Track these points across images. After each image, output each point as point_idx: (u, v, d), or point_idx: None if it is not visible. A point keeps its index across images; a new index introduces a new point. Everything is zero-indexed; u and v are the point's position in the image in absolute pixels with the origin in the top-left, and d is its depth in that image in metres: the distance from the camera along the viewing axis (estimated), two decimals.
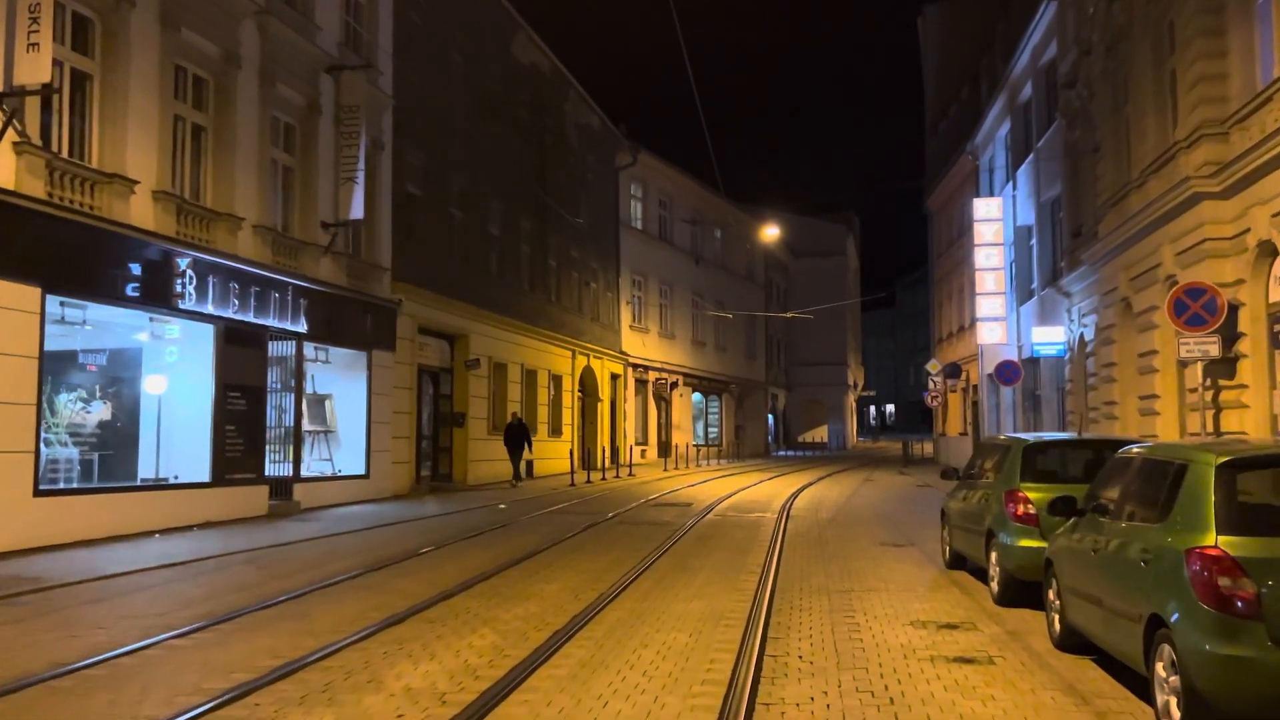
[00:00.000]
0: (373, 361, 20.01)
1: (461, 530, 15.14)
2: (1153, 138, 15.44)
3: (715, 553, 12.69)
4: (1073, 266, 21.06)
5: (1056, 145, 22.70)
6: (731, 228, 49.20)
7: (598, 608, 8.87)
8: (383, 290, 20.51)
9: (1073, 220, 21.65)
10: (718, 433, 48.62)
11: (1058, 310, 22.80)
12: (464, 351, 24.29)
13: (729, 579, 10.55)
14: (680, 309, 43.20)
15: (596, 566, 11.45)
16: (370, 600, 9.34)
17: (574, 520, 16.68)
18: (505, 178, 27.16)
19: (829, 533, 15.01)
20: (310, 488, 18.07)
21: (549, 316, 30.11)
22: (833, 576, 10.72)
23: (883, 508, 19.69)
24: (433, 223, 23.22)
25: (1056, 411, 24.24)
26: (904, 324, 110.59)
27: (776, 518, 17.19)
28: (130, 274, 13.75)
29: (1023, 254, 27.44)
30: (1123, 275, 16.86)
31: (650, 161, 39.79)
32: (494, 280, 26.48)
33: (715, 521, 16.82)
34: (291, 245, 17.60)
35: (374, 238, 20.38)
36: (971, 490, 10.39)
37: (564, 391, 31.21)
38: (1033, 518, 8.70)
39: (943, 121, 39.78)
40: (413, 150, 22.18)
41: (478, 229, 25.52)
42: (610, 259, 36.56)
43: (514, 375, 27.19)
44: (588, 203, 34.08)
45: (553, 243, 30.72)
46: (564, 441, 30.62)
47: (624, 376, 37.35)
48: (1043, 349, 22.05)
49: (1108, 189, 17.73)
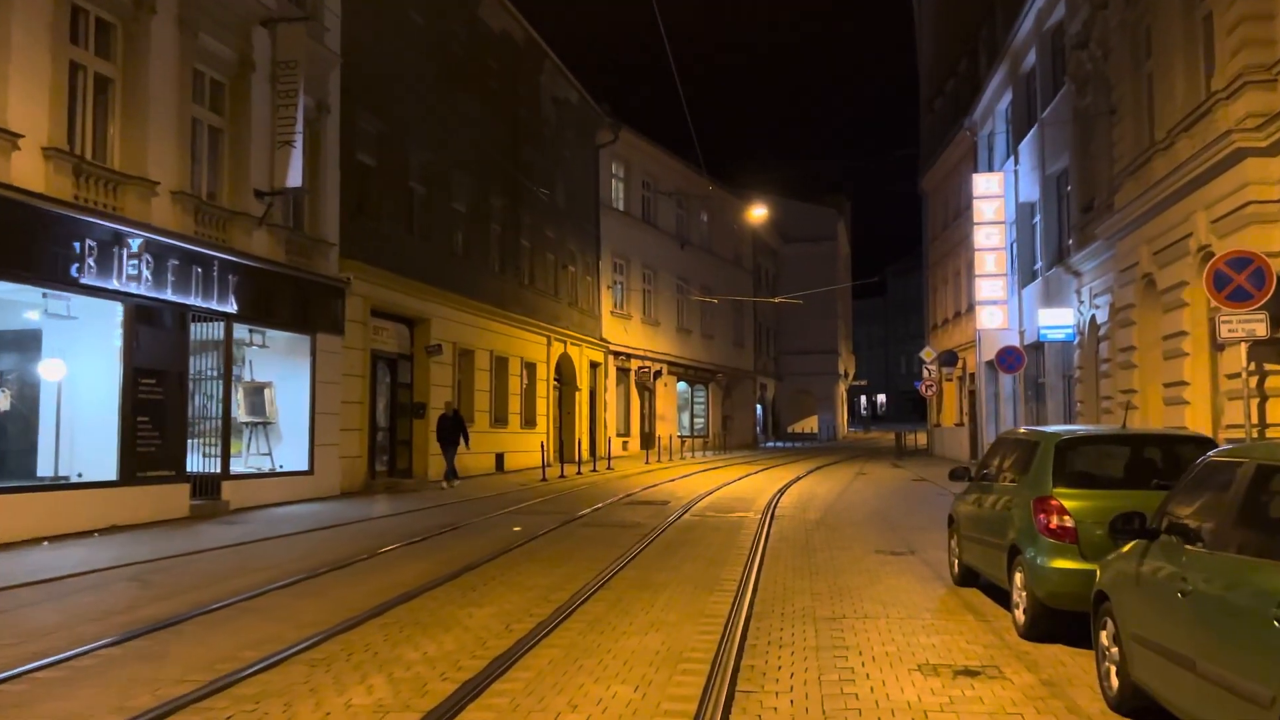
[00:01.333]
0: (317, 346, 18.21)
1: (405, 534, 13.38)
2: (1182, 93, 13.71)
3: (686, 563, 10.96)
4: (1083, 243, 19.37)
5: (1064, 113, 20.98)
6: (718, 211, 47.39)
7: (530, 643, 7.14)
8: (329, 268, 18.68)
9: (1083, 193, 19.95)
10: (704, 424, 46.91)
11: (1065, 291, 21.11)
12: (425, 337, 22.49)
13: (697, 600, 8.82)
14: (665, 295, 41.43)
15: (545, 582, 9.71)
16: (254, 632, 7.59)
17: (536, 522, 14.94)
18: (473, 151, 25.32)
19: (817, 537, 13.29)
20: (242, 486, 16.28)
21: (522, 301, 28.32)
22: (821, 597, 9.00)
23: (877, 506, 18.00)
24: (389, 196, 21.38)
25: (1062, 401, 22.57)
26: (896, 312, 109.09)
27: (760, 518, 15.49)
28: (16, 244, 11.92)
29: (1025, 233, 25.74)
30: (1144, 249, 15.16)
31: (633, 140, 37.96)
32: (459, 261, 24.66)
33: (692, 523, 15.10)
34: (219, 215, 15.76)
35: (319, 210, 18.54)
36: (987, 494, 8.65)
37: (538, 380, 29.44)
38: (1069, 532, 6.98)
39: (938, 99, 38.03)
40: (365, 116, 20.33)
41: (441, 205, 23.69)
42: (590, 241, 34.76)
43: (482, 362, 25.41)
44: (565, 181, 32.26)
45: (526, 222, 28.91)
46: (538, 434, 28.86)
47: (604, 365, 35.59)
48: (1050, 333, 20.35)
49: (1126, 155, 16.02)
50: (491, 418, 25.91)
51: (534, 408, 28.98)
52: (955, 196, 34.79)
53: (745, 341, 51.72)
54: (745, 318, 51.56)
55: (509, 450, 26.70)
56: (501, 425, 26.56)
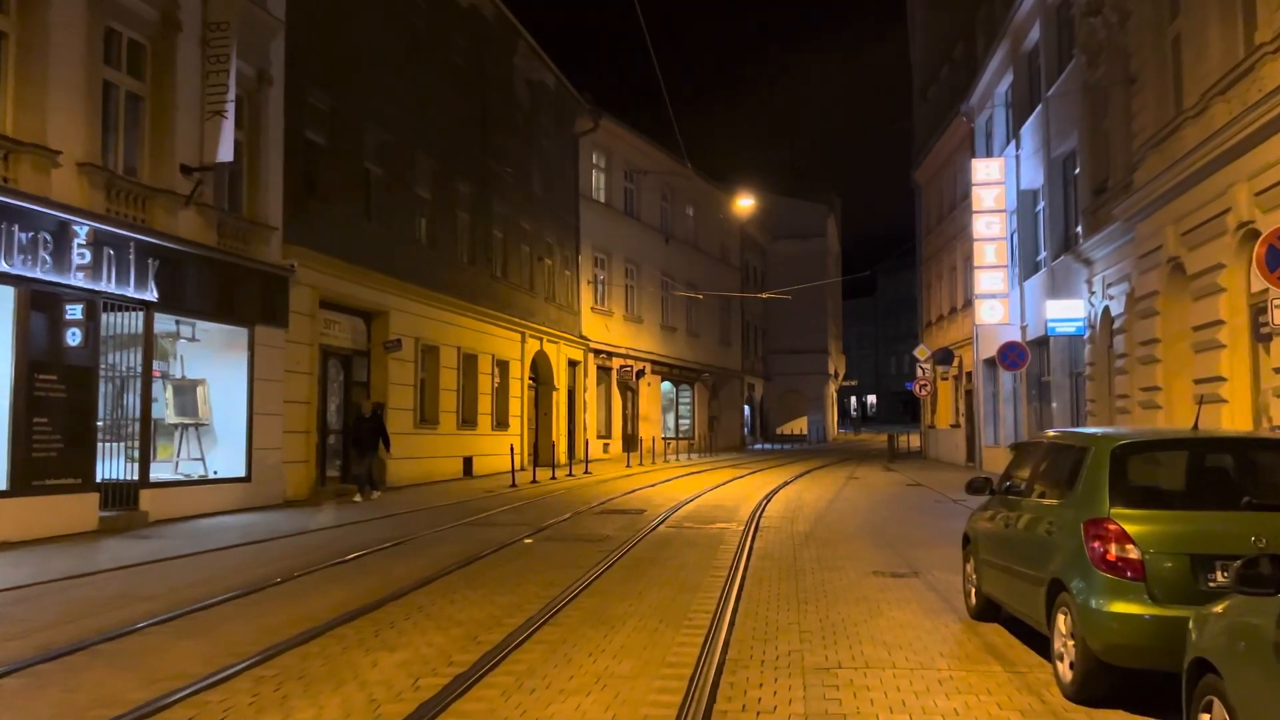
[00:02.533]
0: (256, 340, 16.52)
1: (338, 551, 11.72)
2: (1218, 52, 12.16)
3: (653, 589, 9.33)
4: (1094, 229, 17.82)
5: (1072, 89, 19.45)
6: (704, 205, 45.83)
7: (435, 709, 5.51)
8: (270, 254, 16.99)
9: (1094, 175, 18.40)
10: (689, 425, 45.30)
11: (1074, 282, 19.57)
12: (383, 331, 20.80)
13: (660, 641, 7.20)
14: (648, 291, 39.80)
15: (481, 615, 8.08)
16: (90, 690, 5.95)
17: (492, 536, 13.29)
18: (438, 134, 23.65)
19: (807, 554, 11.67)
20: (165, 495, 14.59)
21: (494, 294, 26.65)
22: (811, 637, 7.38)
23: (871, 516, 16.39)
24: (342, 179, 19.70)
25: (1069, 401, 21.02)
26: (886, 312, 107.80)
27: (743, 530, 13.87)
28: None
29: (1027, 222, 24.20)
30: (1170, 230, 13.60)
31: (614, 128, 36.33)
32: (423, 250, 22.99)
33: (667, 536, 13.47)
34: (138, 191, 14.06)
35: (258, 190, 16.85)
36: (1014, 511, 7.01)
37: (512, 379, 27.77)
38: (1133, 565, 5.37)
39: (932, 86, 36.50)
40: (314, 91, 18.65)
41: (402, 190, 22.01)
42: (569, 234, 33.10)
43: (448, 359, 23.73)
44: (542, 170, 30.61)
45: (499, 211, 27.24)
46: (511, 435, 27.19)
47: (584, 363, 33.95)
48: (1059, 326, 18.78)
49: (1148, 126, 14.47)
50: (459, 419, 24.25)
51: (507, 408, 27.31)
52: (951, 187, 33.28)
53: (732, 340, 50.14)
54: (732, 315, 50.00)
55: (479, 454, 25.03)
56: (470, 427, 24.90)
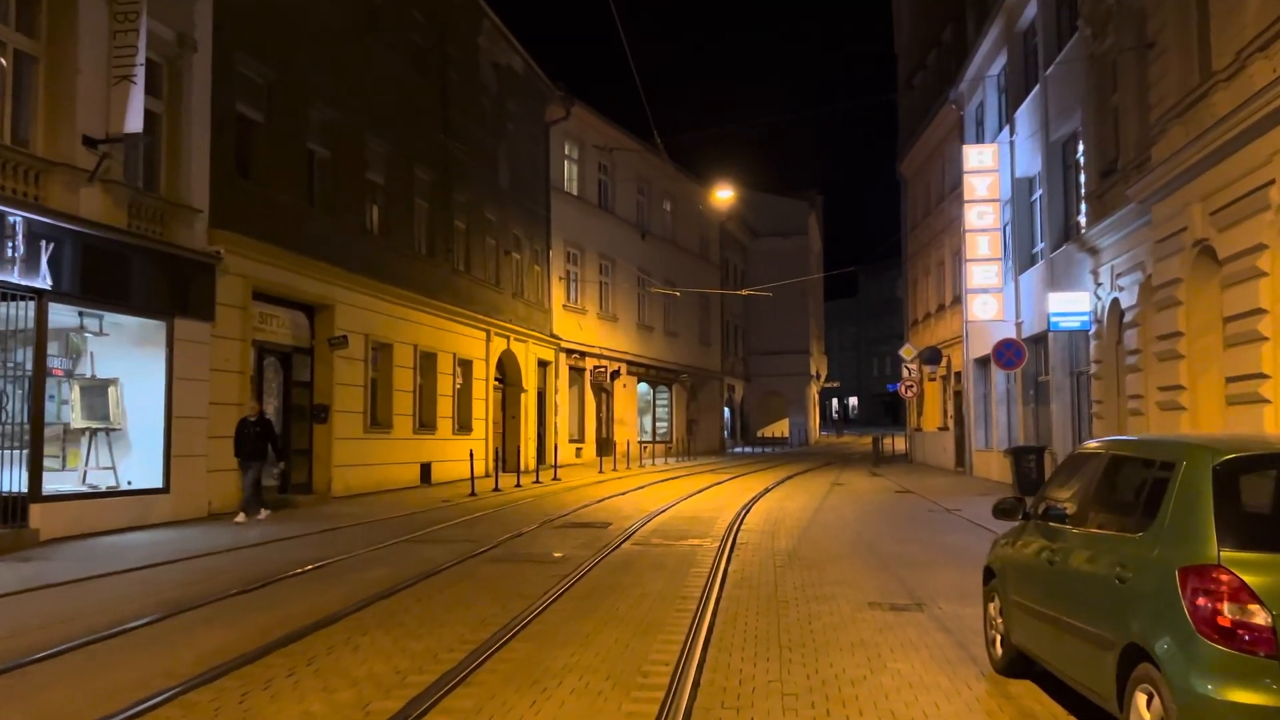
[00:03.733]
0: (175, 334, 14.79)
1: (244, 578, 10.03)
2: (1256, 2, 10.66)
3: (604, 630, 7.70)
4: (1101, 214, 16.34)
5: (1075, 65, 17.99)
6: (682, 200, 44.26)
7: None
8: (193, 239, 15.25)
9: (1100, 156, 16.93)
10: (667, 428, 43.69)
11: (1076, 273, 18.10)
12: (328, 326, 19.08)
13: (602, 712, 5.57)
14: (624, 288, 38.17)
15: (383, 671, 6.43)
16: None
17: (432, 556, 11.64)
18: (393, 115, 21.95)
19: (790, 580, 10.07)
20: (63, 509, 12.84)
21: (455, 289, 24.95)
22: (797, 702, 5.76)
23: (862, 529, 14.81)
24: (282, 160, 17.98)
25: (1070, 402, 19.54)
26: (868, 313, 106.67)
27: (718, 548, 12.27)
28: None
29: (1023, 212, 22.74)
30: (1197, 209, 12.11)
31: (587, 117, 34.70)
32: (374, 240, 21.27)
33: (631, 556, 11.85)
34: (28, 164, 12.32)
35: (179, 168, 15.11)
36: (1061, 543, 5.35)
37: (475, 379, 26.08)
38: (1263, 636, 3.75)
39: (919, 73, 35.05)
40: (248, 61, 16.93)
41: (352, 174, 20.30)
42: (539, 227, 31.43)
43: (403, 358, 22.02)
44: (510, 159, 28.94)
45: (461, 201, 25.55)
46: (475, 440, 25.50)
47: (555, 364, 32.28)
48: (1062, 321, 17.28)
49: (1170, 95, 12.97)
50: (416, 422, 22.54)
51: (469, 410, 25.61)
52: (938, 179, 31.83)
53: (712, 340, 48.60)
54: (712, 315, 48.46)
55: (438, 459, 23.33)
56: (429, 431, 23.19)
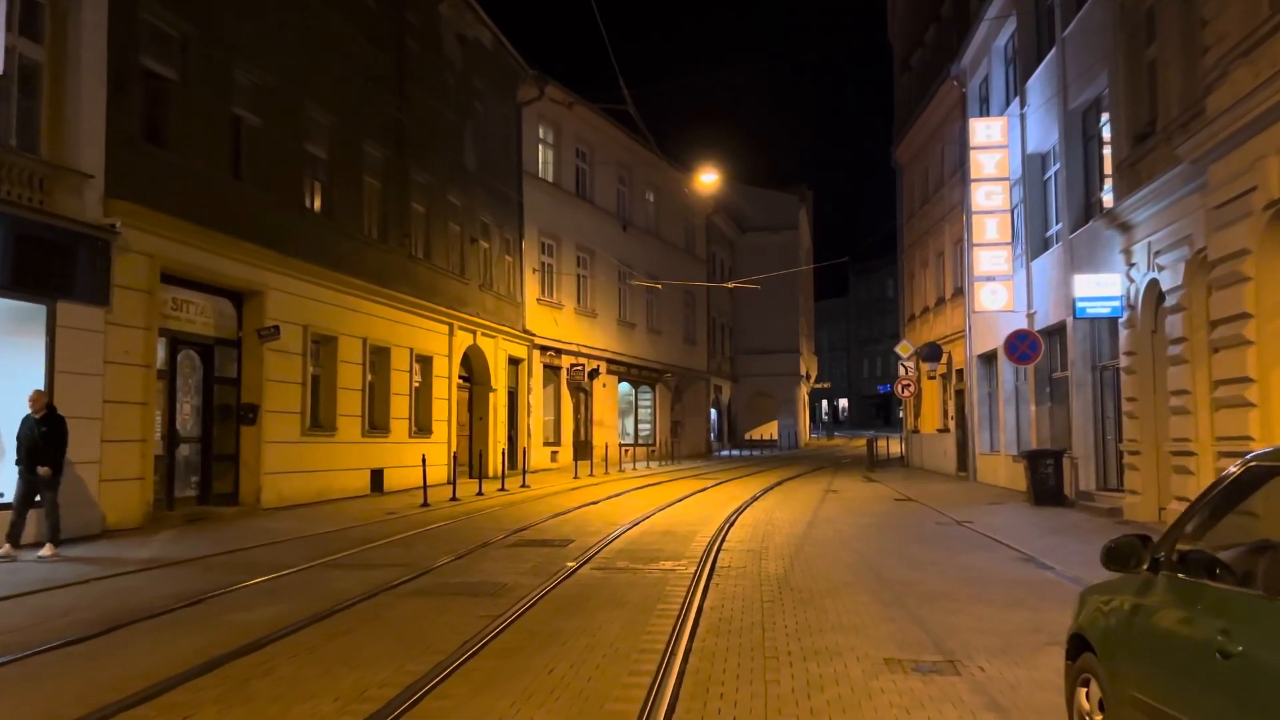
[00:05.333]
0: (59, 319, 12.57)
1: (83, 621, 7.90)
2: None
3: (523, 712, 5.54)
4: (1135, 185, 14.28)
5: (1100, 20, 15.94)
6: (667, 191, 42.14)
7: None
8: (83, 209, 13.02)
9: (1133, 118, 14.86)
10: (650, 430, 41.52)
11: (1103, 254, 16.04)
12: (258, 316, 16.88)
13: None
14: (604, 282, 36.01)
15: None
16: None
17: (341, 587, 9.48)
18: (339, 83, 19.78)
19: (781, 623, 7.92)
20: None
21: (413, 278, 22.76)
22: None
23: (864, 548, 12.68)
24: (202, 125, 15.77)
25: (1093, 399, 17.47)
26: (859, 313, 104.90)
27: (694, 574, 10.15)
28: None
29: (1035, 191, 20.68)
30: (1273, 164, 10.04)
31: (563, 99, 32.53)
32: (316, 220, 19.07)
33: (589, 585, 9.71)
34: None
35: (65, 126, 12.88)
36: (1235, 616, 3.18)
37: (436, 377, 23.87)
38: None
39: (916, 52, 32.98)
40: (157, 7, 14.72)
41: (288, 145, 18.09)
42: (510, 214, 29.25)
43: (350, 352, 19.81)
44: (477, 140, 26.77)
45: (420, 182, 23.36)
46: (436, 442, 23.32)
47: (528, 361, 30.11)
48: (1090, 307, 15.16)
49: (1233, 30, 10.90)
50: (366, 424, 20.34)
51: (429, 411, 23.41)
52: (937, 164, 29.78)
53: (698, 338, 46.47)
54: (698, 312, 46.36)
55: (392, 465, 21.12)
56: (381, 433, 20.99)
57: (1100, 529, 14.25)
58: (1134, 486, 14.66)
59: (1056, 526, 14.76)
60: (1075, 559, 11.08)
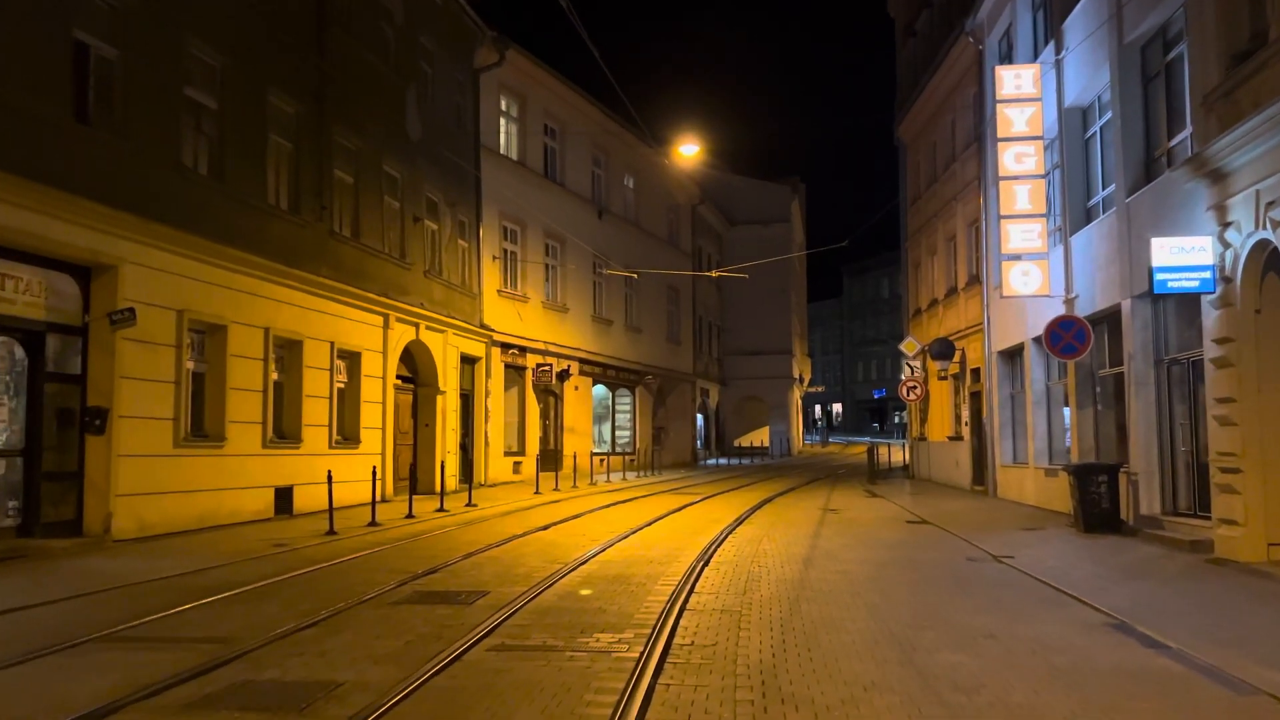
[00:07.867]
0: None
1: None
2: None
3: None
4: (1234, 118, 10.88)
5: None
6: (648, 176, 38.74)
7: None
8: None
9: (1227, 35, 11.47)
10: (629, 438, 38.04)
11: (1179, 215, 12.65)
12: (109, 296, 13.36)
13: None
14: (576, 274, 32.52)
15: None
16: None
17: (64, 696, 5.97)
18: (232, 18, 16.30)
19: None
20: None
21: (335, 259, 19.25)
22: None
23: (882, 606, 9.15)
24: (32, 54, 12.24)
25: (1156, 400, 14.04)
26: (853, 314, 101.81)
27: (637, 660, 6.69)
28: None
29: (1075, 153, 17.30)
30: None
31: (528, 67, 29.10)
32: (199, 182, 15.54)
33: (476, 684, 6.24)
34: None
35: None
36: None
37: (366, 377, 20.35)
38: None
39: (923, 13, 29.64)
40: None
41: (158, 86, 14.57)
42: (465, 193, 25.77)
43: (247, 345, 16.27)
44: (423, 106, 23.30)
45: (347, 146, 19.86)
46: (366, 453, 19.80)
47: (486, 360, 26.61)
48: (1172, 279, 11.68)
49: None
50: (268, 432, 16.80)
51: (355, 418, 19.88)
52: (947, 137, 26.42)
53: (682, 338, 43.03)
54: (683, 309, 42.94)
55: (305, 481, 17.58)
56: (290, 444, 17.47)
57: (1190, 572, 10.85)
58: (1230, 514, 11.23)
59: (1127, 567, 11.36)
60: (1188, 627, 7.72)
